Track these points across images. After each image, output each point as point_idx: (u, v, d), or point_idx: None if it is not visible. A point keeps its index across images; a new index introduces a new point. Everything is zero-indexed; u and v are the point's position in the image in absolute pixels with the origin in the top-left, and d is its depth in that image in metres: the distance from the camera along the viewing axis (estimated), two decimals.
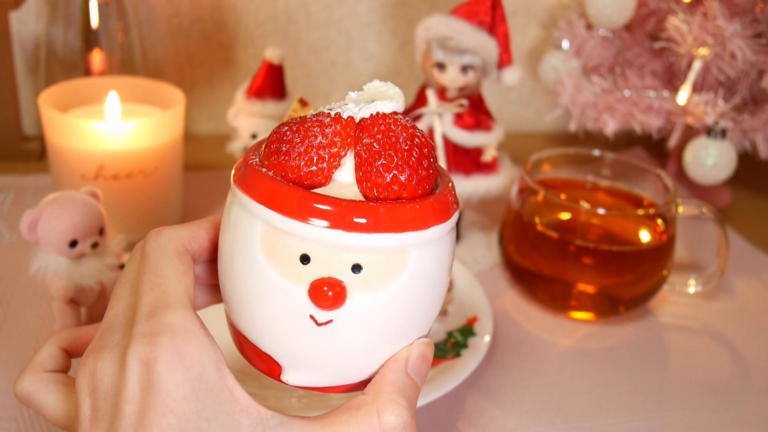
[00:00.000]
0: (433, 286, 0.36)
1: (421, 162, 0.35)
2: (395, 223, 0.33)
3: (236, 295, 0.36)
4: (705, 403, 0.59)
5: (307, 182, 0.34)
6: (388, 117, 0.35)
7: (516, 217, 0.67)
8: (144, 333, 0.33)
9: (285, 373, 0.36)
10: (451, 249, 0.37)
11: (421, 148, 0.35)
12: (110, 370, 0.34)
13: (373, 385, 0.36)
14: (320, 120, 0.35)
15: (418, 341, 0.37)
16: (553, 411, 0.56)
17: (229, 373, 0.34)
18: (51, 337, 0.41)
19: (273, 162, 0.35)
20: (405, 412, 0.35)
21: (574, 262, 0.64)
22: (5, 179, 0.81)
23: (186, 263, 0.37)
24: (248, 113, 0.76)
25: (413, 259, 0.34)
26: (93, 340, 0.36)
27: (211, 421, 0.33)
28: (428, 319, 0.38)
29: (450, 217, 0.36)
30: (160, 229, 0.38)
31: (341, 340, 0.35)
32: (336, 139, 0.35)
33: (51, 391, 0.39)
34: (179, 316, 0.34)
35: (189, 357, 0.33)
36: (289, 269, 0.34)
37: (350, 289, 0.34)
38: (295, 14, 0.94)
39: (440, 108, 0.71)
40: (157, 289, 0.35)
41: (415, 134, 0.35)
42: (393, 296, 0.35)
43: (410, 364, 0.36)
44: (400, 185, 0.34)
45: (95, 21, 0.82)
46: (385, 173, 0.34)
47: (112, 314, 0.36)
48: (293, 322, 0.35)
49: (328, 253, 0.33)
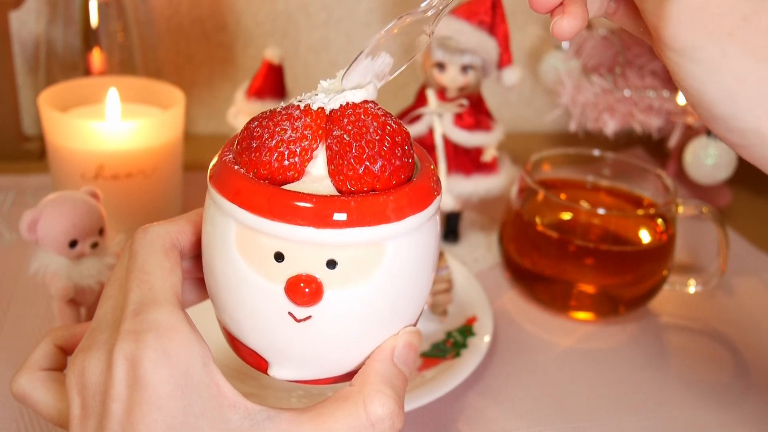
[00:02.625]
0: (416, 275, 0.36)
1: (394, 151, 0.34)
2: (369, 217, 0.33)
3: (218, 293, 0.36)
4: (705, 403, 0.59)
5: (279, 177, 0.34)
6: (359, 107, 0.35)
7: (516, 217, 0.67)
8: (130, 330, 0.33)
9: (271, 368, 0.36)
10: (434, 234, 0.36)
11: (393, 136, 0.34)
12: (98, 369, 0.34)
13: (359, 376, 0.36)
14: (289, 113, 0.35)
15: (404, 330, 0.37)
16: (553, 411, 0.56)
17: (216, 369, 0.34)
18: (46, 335, 0.41)
19: (245, 159, 0.35)
20: (391, 402, 0.34)
21: (574, 262, 0.64)
22: (5, 179, 0.81)
23: (173, 260, 0.36)
24: (248, 113, 0.76)
25: (391, 251, 0.34)
26: (83, 338, 0.36)
27: (199, 417, 0.33)
28: (414, 308, 0.37)
29: (428, 204, 0.35)
30: (148, 226, 0.38)
31: (322, 335, 0.34)
32: (306, 132, 0.34)
33: (47, 389, 0.39)
34: (165, 313, 0.34)
35: (174, 353, 0.33)
36: (264, 267, 0.33)
37: (327, 285, 0.33)
38: (295, 14, 0.94)
39: (440, 108, 0.71)
40: (144, 286, 0.35)
41: (387, 122, 0.34)
42: (372, 290, 0.34)
43: (396, 353, 0.36)
44: (373, 177, 0.33)
45: (95, 21, 0.82)
46: (357, 165, 0.33)
47: (101, 313, 0.37)
48: (273, 319, 0.34)
49: (302, 250, 0.33)
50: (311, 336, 0.34)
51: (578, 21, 0.37)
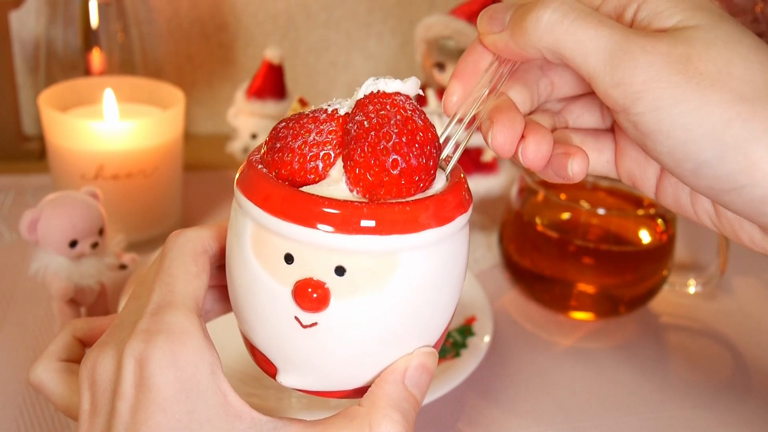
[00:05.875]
0: (434, 292, 0.34)
1: (411, 149, 0.33)
2: (380, 225, 0.32)
3: (234, 294, 0.36)
4: (705, 403, 0.59)
5: (300, 179, 0.33)
6: (387, 96, 0.34)
7: (516, 217, 0.67)
8: (143, 330, 0.33)
9: (279, 374, 0.36)
10: (459, 251, 0.35)
11: (414, 134, 0.33)
12: (110, 366, 0.34)
13: (368, 396, 0.34)
14: (316, 116, 0.34)
15: (419, 350, 0.35)
16: (553, 411, 0.56)
17: (223, 378, 0.34)
18: (66, 326, 0.41)
19: (268, 159, 0.34)
20: (399, 428, 0.33)
21: (574, 262, 0.64)
22: (5, 179, 0.81)
23: (200, 265, 0.36)
24: (248, 113, 0.76)
25: (405, 264, 0.32)
26: (102, 335, 0.36)
27: (204, 423, 0.32)
28: (432, 327, 0.35)
29: (452, 219, 0.33)
30: (182, 230, 0.37)
31: (327, 344, 0.34)
32: (330, 137, 0.34)
33: (62, 380, 0.39)
34: (180, 316, 0.34)
35: (182, 357, 0.33)
36: (274, 268, 0.33)
37: (334, 292, 0.32)
38: (295, 14, 0.94)
39: (440, 108, 0.71)
40: (165, 288, 0.35)
41: (412, 118, 0.33)
42: (382, 302, 0.33)
43: (408, 375, 0.34)
44: (383, 170, 0.32)
45: (95, 21, 0.82)
46: (369, 155, 0.32)
47: (125, 312, 0.37)
48: (280, 323, 0.34)
49: (311, 253, 0.32)
50: (317, 344, 0.34)
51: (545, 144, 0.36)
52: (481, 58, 0.37)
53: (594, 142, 0.41)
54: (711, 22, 0.33)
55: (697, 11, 0.33)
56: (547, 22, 0.33)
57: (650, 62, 0.32)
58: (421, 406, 0.35)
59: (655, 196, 0.41)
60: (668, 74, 0.32)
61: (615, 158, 0.41)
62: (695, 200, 0.39)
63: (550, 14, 0.33)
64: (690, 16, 0.33)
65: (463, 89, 0.37)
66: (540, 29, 0.33)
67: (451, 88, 0.38)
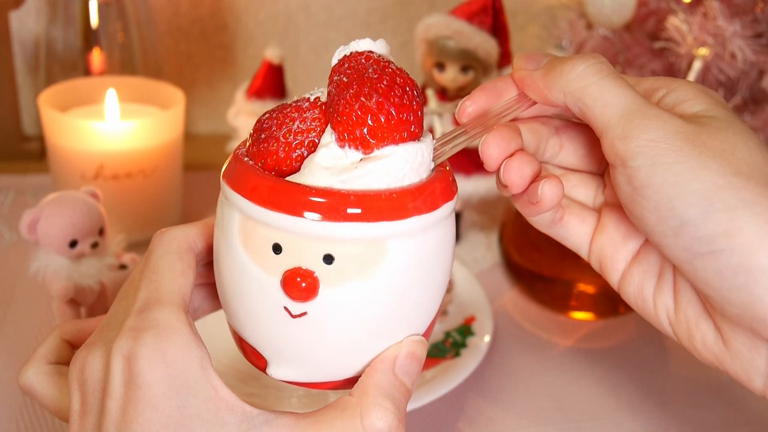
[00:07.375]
0: (422, 280, 0.34)
1: (393, 90, 0.33)
2: (367, 212, 0.32)
3: (223, 287, 0.36)
4: (706, 403, 0.59)
5: (286, 169, 0.34)
6: (360, 54, 0.34)
7: (516, 217, 0.67)
8: (130, 328, 0.33)
9: (269, 366, 0.36)
10: (445, 239, 0.35)
11: (393, 77, 0.33)
12: (98, 365, 0.34)
13: (359, 387, 0.35)
14: (299, 105, 0.34)
15: (408, 339, 0.35)
16: (553, 411, 0.56)
17: (213, 372, 0.34)
18: (55, 329, 0.41)
19: (254, 151, 0.34)
20: (390, 416, 0.33)
21: (574, 262, 0.64)
22: (5, 179, 0.81)
23: (185, 262, 0.37)
24: (248, 113, 0.76)
25: (393, 251, 0.33)
26: (91, 336, 0.36)
27: (194, 418, 0.33)
28: (420, 316, 0.36)
29: (439, 205, 0.34)
30: (167, 228, 0.38)
31: (317, 333, 0.34)
32: (314, 125, 0.34)
33: (53, 383, 0.39)
34: (166, 313, 0.34)
35: (171, 354, 0.33)
36: (262, 259, 0.33)
37: (323, 281, 0.32)
38: (295, 14, 0.94)
39: (440, 108, 0.71)
40: (151, 286, 0.35)
41: (389, 66, 0.33)
42: (371, 290, 0.33)
43: (398, 363, 0.35)
44: (368, 111, 0.32)
45: (95, 21, 0.82)
46: (354, 103, 0.32)
47: (113, 312, 0.37)
48: (269, 313, 0.34)
49: (299, 242, 0.32)
50: (307, 334, 0.34)
51: (529, 168, 0.38)
52: (507, 89, 0.39)
53: (579, 210, 0.42)
54: (727, 117, 0.35)
55: (718, 106, 0.36)
56: (582, 71, 0.36)
57: (661, 127, 0.34)
58: (411, 395, 0.36)
59: (619, 283, 0.42)
60: (675, 139, 0.34)
61: (593, 234, 0.42)
62: (658, 293, 0.40)
63: (585, 66, 0.36)
64: (710, 109, 0.36)
65: (484, 102, 0.39)
66: (572, 75, 0.36)
67: (473, 96, 0.39)
